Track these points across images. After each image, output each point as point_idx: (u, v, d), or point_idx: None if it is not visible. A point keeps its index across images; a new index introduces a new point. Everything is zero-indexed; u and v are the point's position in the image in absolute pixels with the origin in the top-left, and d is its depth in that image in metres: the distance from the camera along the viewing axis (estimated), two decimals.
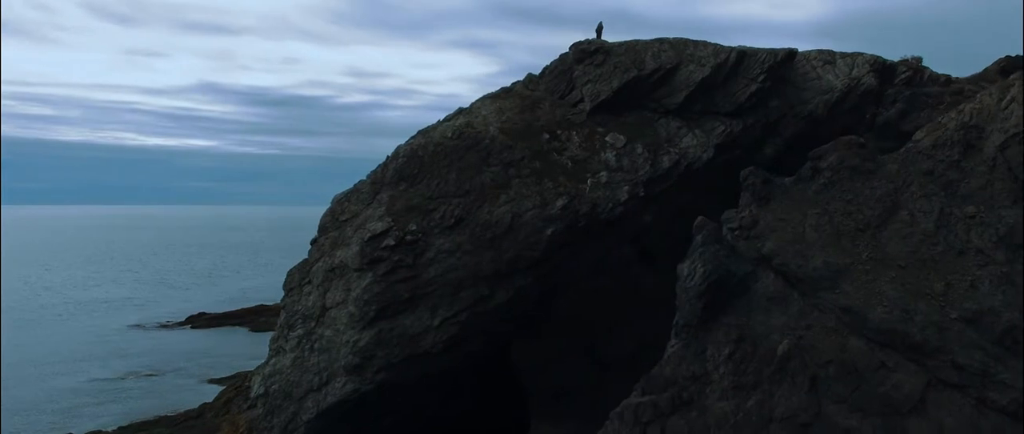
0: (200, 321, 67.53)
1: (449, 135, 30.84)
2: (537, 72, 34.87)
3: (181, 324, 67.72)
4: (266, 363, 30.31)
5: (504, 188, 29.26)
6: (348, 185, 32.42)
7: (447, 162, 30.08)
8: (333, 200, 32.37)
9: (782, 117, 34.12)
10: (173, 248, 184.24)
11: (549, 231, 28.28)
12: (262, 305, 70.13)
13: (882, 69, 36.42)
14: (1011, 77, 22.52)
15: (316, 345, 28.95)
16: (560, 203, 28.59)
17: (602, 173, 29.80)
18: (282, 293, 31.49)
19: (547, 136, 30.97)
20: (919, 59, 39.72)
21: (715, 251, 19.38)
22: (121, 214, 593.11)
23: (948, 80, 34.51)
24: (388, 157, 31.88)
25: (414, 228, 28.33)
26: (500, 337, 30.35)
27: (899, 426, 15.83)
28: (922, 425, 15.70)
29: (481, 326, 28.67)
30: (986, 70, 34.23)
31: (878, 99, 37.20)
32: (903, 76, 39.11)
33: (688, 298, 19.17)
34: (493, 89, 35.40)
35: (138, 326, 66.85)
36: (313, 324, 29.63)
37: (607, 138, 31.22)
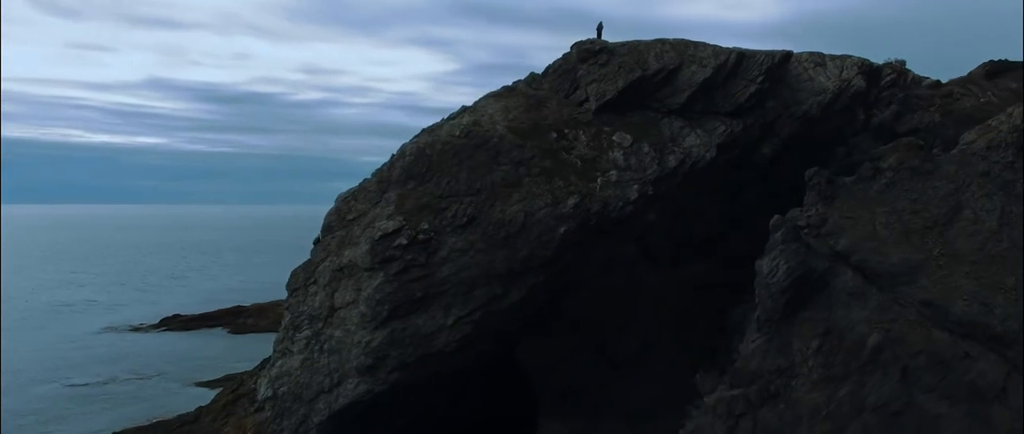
0: (175, 323, 65.99)
1: (457, 134, 30.80)
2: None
3: (154, 327, 66.10)
4: (272, 365, 29.91)
5: (515, 187, 29.33)
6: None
7: (456, 161, 30.04)
8: (337, 199, 32.07)
9: (778, 117, 34.79)
10: (128, 249, 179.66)
11: (562, 230, 28.43)
12: (239, 306, 68.87)
13: (869, 71, 37.38)
14: None
15: (325, 346, 28.67)
16: (571, 202, 28.77)
17: (611, 172, 30.06)
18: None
19: (555, 135, 31.13)
20: (903, 62, 41.01)
21: (796, 248, 19.92)
22: (67, 213, 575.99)
23: (935, 83, 35.65)
24: (394, 156, 31.70)
25: (426, 227, 28.24)
26: (510, 336, 30.42)
27: (984, 413, 16.59)
28: (1004, 412, 16.43)
29: (494, 325, 28.71)
30: (971, 74, 35.52)
31: (866, 100, 38.37)
32: (888, 78, 40.35)
33: (770, 294, 19.67)
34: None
35: (111, 329, 65.03)
36: (321, 325, 29.34)
37: (614, 137, 31.52)
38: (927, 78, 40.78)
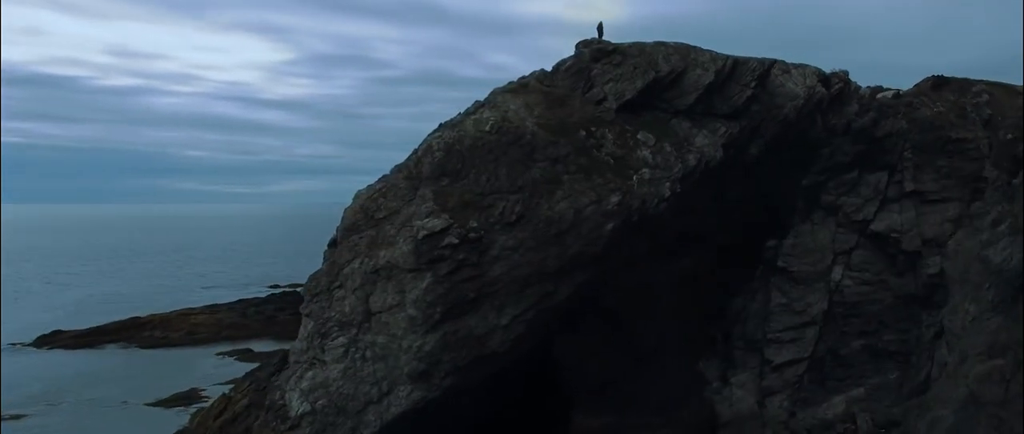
0: (59, 340, 58.51)
1: (486, 129, 30.03)
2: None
3: (29, 345, 58.08)
4: (300, 377, 27.71)
5: (556, 184, 29.05)
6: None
7: (492, 157, 29.29)
8: (357, 196, 30.29)
9: (763, 120, 36.92)
10: None
11: (609, 226, 28.52)
12: (135, 318, 62.43)
13: (824, 80, 40.67)
14: None
15: (367, 353, 26.98)
16: (615, 199, 28.92)
17: (644, 170, 30.50)
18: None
19: (583, 133, 31.12)
20: (846, 73, 44.73)
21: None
22: None
23: (896, 93, 39.14)
24: (418, 151, 30.39)
25: (475, 225, 27.32)
26: (549, 334, 30.16)
27: None
28: None
29: (543, 323, 28.35)
30: (920, 87, 39.47)
31: (821, 106, 41.56)
32: (837, 87, 43.86)
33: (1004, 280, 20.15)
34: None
35: None
36: (355, 331, 27.58)
37: (638, 136, 32.00)
38: (862, 86, 44.89)
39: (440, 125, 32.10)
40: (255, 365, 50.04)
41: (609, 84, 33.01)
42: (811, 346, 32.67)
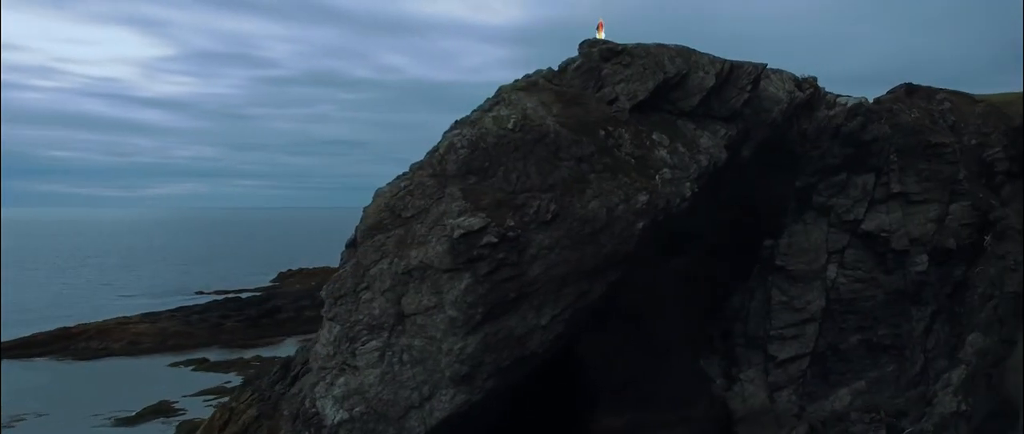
0: None
1: (509, 127, 29.61)
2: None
3: None
4: (330, 384, 26.42)
5: (584, 183, 28.93)
6: None
7: (519, 155, 28.90)
8: (378, 194, 29.19)
9: (754, 123, 38.05)
10: None
11: (640, 225, 28.62)
12: (64, 329, 57.76)
13: (798, 85, 42.39)
14: None
15: (404, 356, 26.00)
16: (643, 198, 29.04)
17: (665, 170, 30.78)
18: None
19: (603, 133, 31.15)
20: (815, 79, 46.76)
21: None
22: None
23: (876, 100, 41.06)
24: (440, 148, 29.56)
25: (512, 224, 26.85)
26: (578, 332, 29.96)
27: None
28: None
29: (578, 322, 28.17)
30: (895, 94, 41.58)
31: (797, 110, 43.24)
32: (808, 92, 45.82)
33: None
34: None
35: None
36: (387, 334, 26.55)
37: (653, 136, 32.30)
38: (830, 93, 47.03)
39: (456, 122, 31.43)
40: (220, 375, 47.64)
41: (620, 84, 33.17)
42: (812, 342, 33.84)
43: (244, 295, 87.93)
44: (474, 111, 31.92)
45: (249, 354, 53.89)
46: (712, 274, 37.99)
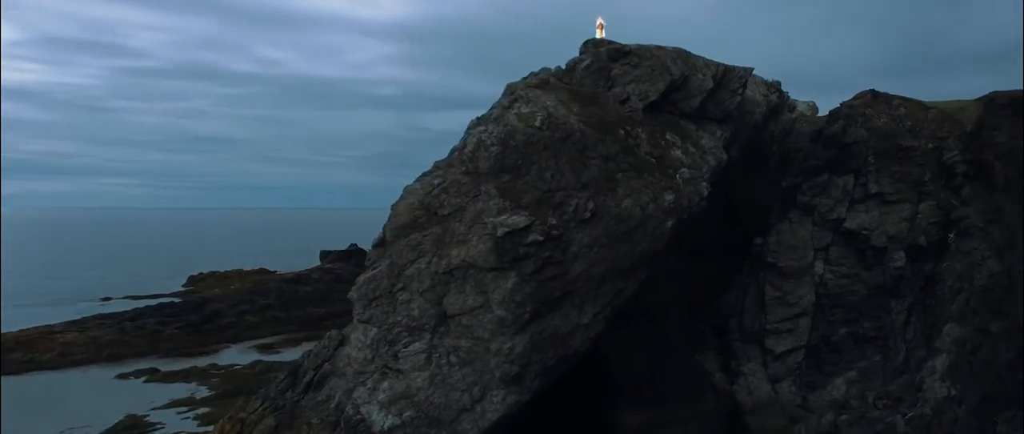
0: None
1: (536, 125, 29.52)
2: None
3: None
4: (373, 389, 25.46)
5: (613, 182, 29.16)
6: None
7: (549, 153, 28.83)
8: (409, 192, 28.35)
9: (741, 125, 39.44)
10: None
11: (669, 224, 29.13)
12: None
13: (770, 89, 44.33)
14: None
15: (451, 358, 25.41)
16: (669, 197, 29.57)
17: (683, 170, 31.43)
18: None
19: (622, 132, 31.47)
20: (779, 83, 48.92)
21: None
22: None
23: (851, 105, 43.27)
24: (467, 145, 29.08)
25: (554, 222, 26.76)
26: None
27: None
28: None
29: (613, 320, 28.35)
30: (864, 99, 43.92)
31: (771, 113, 45.12)
32: (776, 96, 47.88)
33: None
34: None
35: None
36: (429, 335, 25.90)
37: (667, 137, 32.90)
38: (795, 99, 49.36)
39: (478, 119, 30.92)
40: (182, 386, 44.66)
41: (631, 85, 33.59)
42: (806, 335, 35.34)
43: (157, 300, 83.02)
44: (492, 108, 31.51)
45: (203, 362, 50.75)
46: (703, 272, 39.05)
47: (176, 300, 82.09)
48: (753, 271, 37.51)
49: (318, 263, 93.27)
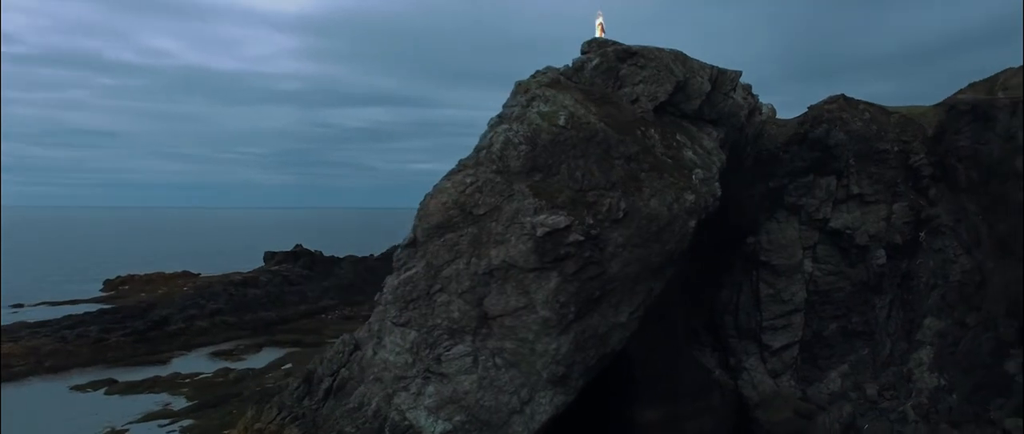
0: None
1: (560, 124, 29.34)
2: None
3: None
4: (418, 394, 24.66)
5: (638, 182, 29.29)
6: None
7: (577, 153, 28.71)
8: (438, 191, 27.60)
9: (730, 126, 40.35)
10: None
11: (692, 223, 29.49)
12: None
13: (746, 92, 45.65)
14: None
15: (497, 360, 24.93)
16: (690, 197, 29.94)
17: (697, 170, 31.88)
18: None
19: (639, 132, 31.62)
20: (750, 87, 50.34)
21: None
22: None
23: (827, 109, 44.93)
24: (493, 144, 28.63)
25: (591, 221, 26.64)
26: None
27: None
28: None
29: (642, 319, 28.41)
30: (838, 103, 45.72)
31: (749, 115, 46.36)
32: (752, 98, 49.23)
33: None
34: None
35: None
36: (471, 337, 25.33)
37: (677, 137, 33.26)
38: (765, 103, 50.92)
39: (500, 117, 30.45)
40: (153, 397, 41.83)
41: (640, 86, 33.80)
42: (799, 330, 36.50)
43: (80, 307, 77.66)
44: (507, 107, 31.09)
45: (162, 372, 47.62)
46: (696, 270, 39.69)
47: (103, 306, 77.08)
48: (746, 269, 38.41)
49: (262, 264, 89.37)
